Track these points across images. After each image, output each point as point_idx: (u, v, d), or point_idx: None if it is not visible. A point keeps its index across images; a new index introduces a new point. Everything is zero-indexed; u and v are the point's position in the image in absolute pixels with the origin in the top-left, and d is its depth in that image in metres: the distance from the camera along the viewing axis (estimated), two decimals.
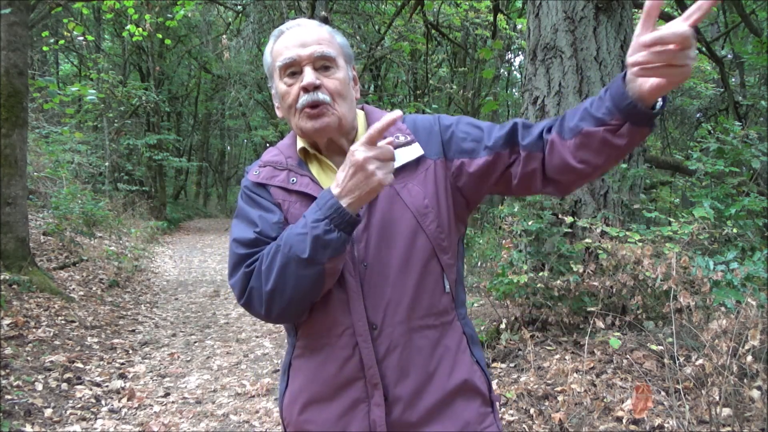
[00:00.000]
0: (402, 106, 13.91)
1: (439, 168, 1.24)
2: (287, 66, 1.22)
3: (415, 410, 1.19)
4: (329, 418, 1.21)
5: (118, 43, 17.47)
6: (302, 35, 1.23)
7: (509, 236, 4.04)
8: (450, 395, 1.21)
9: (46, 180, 9.32)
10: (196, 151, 24.09)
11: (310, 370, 1.24)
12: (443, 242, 1.23)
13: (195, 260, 10.85)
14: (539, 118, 4.24)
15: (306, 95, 1.20)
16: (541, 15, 4.32)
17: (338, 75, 1.23)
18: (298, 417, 1.26)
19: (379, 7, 11.56)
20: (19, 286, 5.20)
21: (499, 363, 3.67)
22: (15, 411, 3.25)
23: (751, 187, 3.78)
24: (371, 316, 1.17)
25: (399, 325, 1.18)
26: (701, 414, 2.52)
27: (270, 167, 1.29)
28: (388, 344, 1.18)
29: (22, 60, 5.56)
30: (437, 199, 1.22)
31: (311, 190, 1.21)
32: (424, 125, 1.28)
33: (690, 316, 2.68)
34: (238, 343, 5.31)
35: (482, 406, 1.26)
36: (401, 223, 1.20)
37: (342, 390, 1.20)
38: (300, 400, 1.26)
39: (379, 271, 1.18)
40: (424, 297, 1.20)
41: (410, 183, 1.22)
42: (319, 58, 1.21)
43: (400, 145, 1.23)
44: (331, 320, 1.19)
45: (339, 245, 1.10)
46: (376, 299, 1.18)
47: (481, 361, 1.29)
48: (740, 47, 7.65)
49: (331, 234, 1.09)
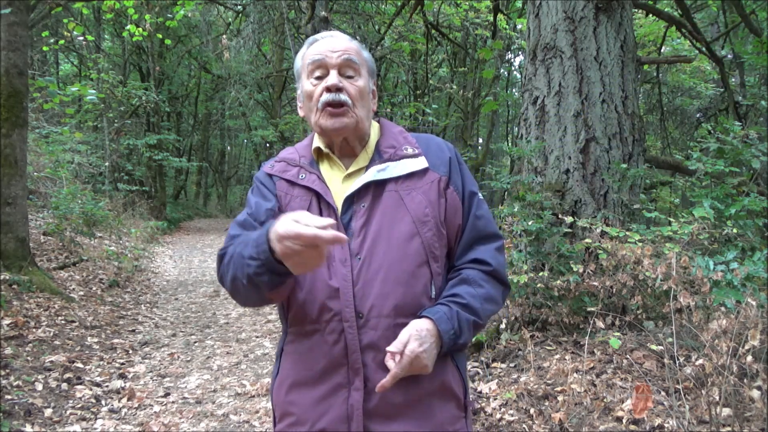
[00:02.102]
0: (402, 106, 13.92)
1: (443, 183, 1.34)
2: (315, 66, 1.33)
3: (391, 402, 1.25)
4: (311, 401, 1.28)
5: (118, 43, 17.47)
6: (333, 43, 1.34)
7: (509, 236, 4.04)
8: (427, 394, 1.28)
9: (46, 180, 9.32)
10: (196, 151, 24.09)
11: (299, 354, 1.31)
12: (436, 251, 1.31)
13: (195, 260, 10.85)
14: (539, 118, 4.24)
15: (328, 95, 1.30)
16: (541, 15, 4.32)
17: (360, 83, 1.34)
18: (284, 398, 1.33)
19: (379, 7, 11.56)
20: (19, 286, 5.20)
21: (499, 363, 3.67)
22: (15, 411, 3.25)
23: (751, 187, 3.78)
24: (359, 306, 1.25)
25: (385, 318, 1.25)
26: (701, 414, 2.52)
27: (284, 163, 1.40)
28: (372, 334, 1.24)
29: (22, 60, 5.56)
30: (438, 210, 1.32)
31: (316, 186, 1.32)
32: (437, 144, 1.41)
33: (690, 316, 2.68)
34: (238, 343, 5.31)
35: (456, 409, 1.33)
36: (400, 226, 1.28)
37: (327, 374, 1.27)
38: (287, 382, 1.33)
39: (371, 266, 1.26)
40: (410, 298, 1.26)
41: (415, 191, 1.31)
42: (344, 64, 1.32)
43: (408, 156, 1.34)
44: (321, 307, 1.26)
45: (273, 285, 1.18)
46: (365, 290, 1.25)
47: (461, 367, 1.35)
48: (740, 47, 7.64)
49: (262, 277, 1.16)
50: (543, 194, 3.95)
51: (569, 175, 4.06)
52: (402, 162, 1.33)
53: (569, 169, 4.07)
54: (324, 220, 1.06)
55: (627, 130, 4.12)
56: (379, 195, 1.31)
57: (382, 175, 1.31)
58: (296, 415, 1.30)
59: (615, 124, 4.07)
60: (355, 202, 1.31)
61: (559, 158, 4.11)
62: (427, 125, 11.91)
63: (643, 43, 9.18)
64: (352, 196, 1.31)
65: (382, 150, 1.36)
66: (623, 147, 4.09)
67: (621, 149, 4.08)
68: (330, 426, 1.25)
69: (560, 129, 4.12)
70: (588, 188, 4.02)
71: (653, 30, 8.79)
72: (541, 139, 4.20)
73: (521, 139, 4.43)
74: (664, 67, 10.60)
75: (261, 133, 19.79)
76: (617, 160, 4.01)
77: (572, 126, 4.08)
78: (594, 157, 4.03)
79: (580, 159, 4.05)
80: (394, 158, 1.34)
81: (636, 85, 4.39)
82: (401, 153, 1.34)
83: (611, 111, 4.07)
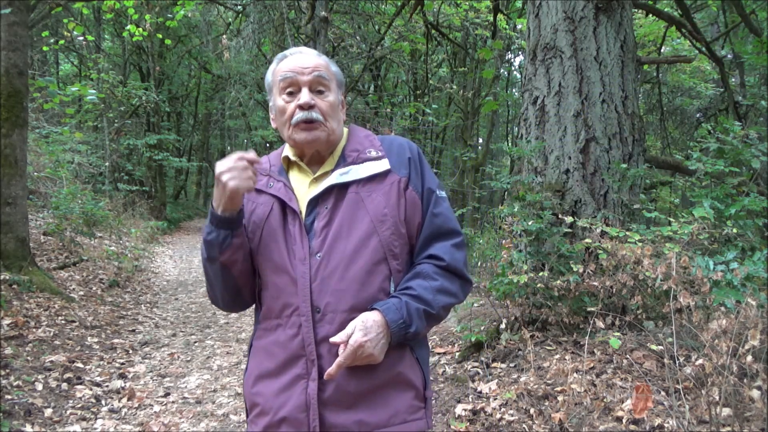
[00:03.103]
0: (402, 106, 13.91)
1: (402, 184, 1.40)
2: (287, 84, 1.40)
3: (345, 392, 1.30)
4: (273, 391, 1.36)
5: (118, 43, 17.47)
6: (303, 60, 1.41)
7: (509, 236, 4.04)
8: (383, 384, 1.33)
9: (46, 180, 9.32)
10: (196, 151, 24.09)
11: (264, 348, 1.40)
12: (395, 249, 1.37)
13: (195, 260, 10.85)
14: (539, 118, 4.24)
15: (302, 113, 1.38)
16: (541, 15, 4.32)
17: (330, 98, 1.41)
18: (251, 390, 1.42)
19: (379, 7, 11.55)
20: (19, 286, 5.19)
21: (499, 363, 3.67)
22: (15, 411, 3.25)
23: (751, 187, 3.78)
24: (316, 300, 1.32)
25: (342, 313, 1.31)
26: (701, 414, 2.52)
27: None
28: (328, 327, 1.31)
29: (22, 60, 5.56)
30: (397, 209, 1.38)
31: (281, 194, 1.40)
32: (399, 145, 1.46)
33: (690, 316, 2.68)
34: (238, 343, 5.31)
35: (415, 400, 1.38)
36: (359, 226, 1.35)
37: (287, 366, 1.34)
38: (253, 374, 1.42)
39: (330, 264, 1.33)
40: (367, 294, 1.33)
41: (375, 192, 1.38)
42: (315, 81, 1.40)
43: (371, 158, 1.42)
44: (283, 303, 1.35)
45: (221, 240, 1.34)
46: (322, 286, 1.32)
47: (421, 359, 1.42)
48: (740, 47, 7.64)
49: (212, 234, 1.34)
50: (543, 194, 3.95)
51: (569, 175, 4.06)
52: (364, 165, 1.40)
53: (569, 169, 4.07)
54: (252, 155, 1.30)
55: (627, 130, 4.11)
56: (341, 197, 1.38)
57: (344, 178, 1.38)
58: (261, 406, 1.38)
59: (615, 124, 4.07)
60: (318, 204, 1.38)
61: (559, 158, 4.11)
62: (427, 125, 11.91)
63: (643, 43, 9.19)
64: (316, 199, 1.38)
65: (346, 154, 1.43)
66: (623, 147, 4.09)
67: (621, 149, 4.08)
68: (290, 414, 1.32)
69: (560, 129, 4.12)
70: (588, 188, 4.02)
71: (653, 30, 8.79)
72: (541, 139, 4.19)
73: (521, 139, 4.43)
74: (664, 67, 10.60)
75: (261, 133, 19.79)
76: (617, 160, 4.01)
77: (572, 126, 4.08)
78: (594, 157, 4.03)
79: (580, 159, 4.05)
80: (357, 161, 1.41)
81: (636, 85, 4.39)
82: (364, 156, 1.42)
83: (611, 111, 4.07)
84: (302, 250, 1.34)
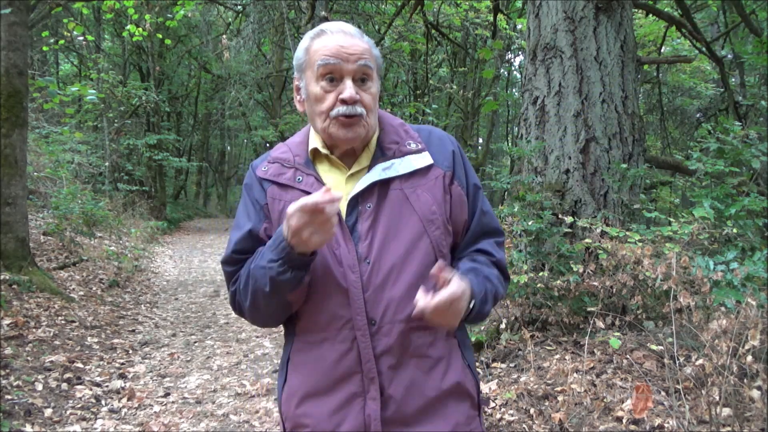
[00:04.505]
0: (402, 106, 13.91)
1: (447, 179, 1.29)
2: (327, 71, 1.23)
3: (408, 408, 1.21)
4: (326, 412, 1.23)
5: (118, 43, 17.46)
6: (348, 44, 1.24)
7: (509, 236, 4.04)
8: (443, 396, 1.24)
9: (46, 180, 9.31)
10: (196, 151, 24.09)
11: (308, 364, 1.26)
12: (444, 249, 1.27)
13: (195, 260, 10.85)
14: (539, 118, 4.24)
15: (344, 107, 1.22)
16: (541, 15, 4.32)
17: (373, 89, 1.27)
18: (296, 410, 1.28)
19: (379, 7, 11.56)
20: (19, 286, 5.19)
21: (499, 363, 3.67)
22: (15, 411, 3.25)
23: (751, 187, 3.78)
24: (370, 312, 1.20)
25: (397, 323, 1.21)
26: (701, 414, 2.52)
27: (278, 164, 1.32)
28: (386, 341, 1.20)
29: (22, 60, 5.56)
30: (444, 207, 1.27)
31: (314, 190, 1.20)
32: (439, 137, 1.34)
33: (690, 316, 2.68)
34: (238, 343, 5.31)
35: (471, 409, 1.30)
36: (407, 226, 1.23)
37: (339, 384, 1.22)
38: (298, 393, 1.28)
39: (381, 270, 1.21)
40: None
41: (420, 189, 1.26)
42: (360, 71, 1.24)
43: (412, 152, 1.29)
44: (331, 315, 1.22)
45: (295, 283, 1.18)
46: (375, 296, 1.20)
47: (471, 365, 1.33)
48: (740, 47, 7.64)
49: (285, 275, 1.16)
50: (543, 194, 3.95)
51: (569, 175, 4.06)
52: (406, 158, 1.27)
53: (569, 169, 4.07)
54: (332, 195, 1.10)
55: (627, 130, 4.12)
56: (384, 195, 1.25)
57: (387, 174, 1.25)
58: (310, 427, 1.25)
59: (615, 124, 4.07)
60: (360, 203, 1.24)
61: (559, 158, 4.11)
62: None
63: (643, 43, 9.18)
64: (357, 197, 1.24)
65: (385, 147, 1.29)
66: (623, 147, 4.09)
67: (621, 149, 4.08)
68: None
69: (560, 129, 4.12)
70: (588, 188, 4.02)
71: (653, 30, 8.79)
72: (541, 139, 4.19)
73: (521, 139, 4.43)
74: (664, 67, 10.60)
75: (261, 133, 19.82)
76: (617, 160, 4.01)
77: (572, 126, 4.08)
78: (594, 157, 4.03)
79: (580, 159, 4.05)
80: (398, 155, 1.28)
81: (636, 85, 4.39)
82: (405, 149, 1.29)
83: (611, 111, 4.07)
84: (350, 257, 1.21)
